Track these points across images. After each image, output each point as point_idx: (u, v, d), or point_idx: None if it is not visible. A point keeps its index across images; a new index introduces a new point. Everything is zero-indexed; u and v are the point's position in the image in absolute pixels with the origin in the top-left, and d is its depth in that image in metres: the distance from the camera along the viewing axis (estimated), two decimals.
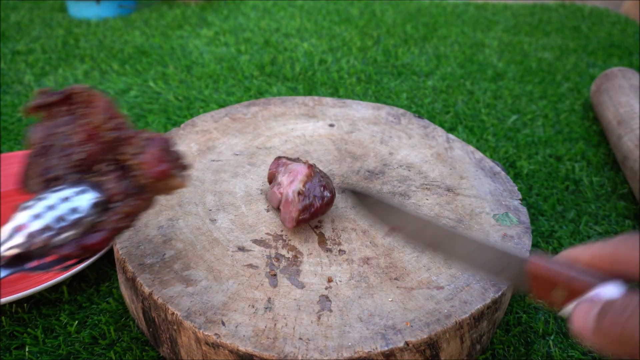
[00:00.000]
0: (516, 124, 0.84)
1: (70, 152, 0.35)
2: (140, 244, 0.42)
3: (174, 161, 0.35)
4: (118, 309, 0.48)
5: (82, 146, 0.35)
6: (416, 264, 0.41)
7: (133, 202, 0.35)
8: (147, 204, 0.36)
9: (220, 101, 0.88)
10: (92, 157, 0.35)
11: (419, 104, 0.90)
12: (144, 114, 0.83)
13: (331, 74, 1.01)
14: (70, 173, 0.35)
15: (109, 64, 1.03)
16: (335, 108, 0.65)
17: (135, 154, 0.35)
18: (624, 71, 0.85)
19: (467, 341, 0.39)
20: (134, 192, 0.35)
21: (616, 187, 0.69)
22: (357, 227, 0.45)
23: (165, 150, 0.35)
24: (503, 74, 1.04)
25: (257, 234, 0.44)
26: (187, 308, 0.36)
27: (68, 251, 0.33)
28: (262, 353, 0.34)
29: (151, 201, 0.36)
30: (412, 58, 1.11)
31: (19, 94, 0.89)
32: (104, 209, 0.34)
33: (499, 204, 0.49)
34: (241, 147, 0.56)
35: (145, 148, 0.35)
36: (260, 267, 0.40)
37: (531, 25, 1.38)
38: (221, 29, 1.25)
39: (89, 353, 0.44)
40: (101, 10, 1.30)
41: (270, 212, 0.46)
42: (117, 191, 0.35)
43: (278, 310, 0.37)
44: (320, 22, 1.33)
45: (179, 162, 0.35)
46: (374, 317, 0.36)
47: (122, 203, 0.35)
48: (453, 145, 0.58)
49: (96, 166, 0.36)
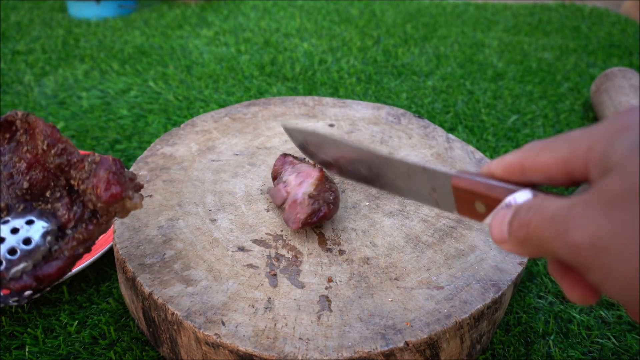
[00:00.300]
0: (516, 124, 0.84)
1: (14, 181, 0.34)
2: (140, 244, 0.42)
3: (126, 183, 0.34)
4: (118, 309, 0.48)
5: (26, 174, 0.34)
6: (416, 264, 0.41)
7: (87, 228, 0.34)
8: (103, 228, 0.34)
9: (220, 101, 0.88)
10: (39, 185, 0.34)
11: (419, 104, 0.90)
12: (144, 114, 0.83)
13: (331, 74, 1.01)
14: (18, 202, 0.34)
15: (109, 64, 1.03)
16: (335, 108, 0.65)
17: (84, 179, 0.34)
18: (624, 71, 0.85)
19: (467, 341, 0.39)
20: (87, 218, 0.34)
21: None
22: (357, 227, 0.45)
23: (116, 172, 0.33)
24: (503, 74, 1.04)
25: (257, 234, 0.44)
26: (187, 308, 0.36)
27: (23, 284, 0.32)
28: (262, 353, 0.34)
29: (108, 224, 0.35)
30: (412, 58, 1.11)
31: (19, 94, 0.89)
32: (58, 237, 0.34)
33: None
34: (241, 147, 0.56)
35: (94, 172, 0.33)
36: (260, 267, 0.40)
37: (531, 25, 1.38)
38: (221, 29, 1.25)
39: (89, 353, 0.44)
40: (101, 10, 1.30)
41: (270, 212, 0.46)
42: (69, 218, 0.34)
43: (278, 310, 0.37)
44: (320, 22, 1.33)
45: (132, 183, 0.34)
46: (374, 317, 0.36)
47: (75, 230, 0.33)
48: (453, 145, 0.58)
49: (46, 193, 0.35)
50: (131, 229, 0.44)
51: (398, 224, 0.45)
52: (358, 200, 0.48)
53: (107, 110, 0.85)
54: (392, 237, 0.44)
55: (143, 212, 0.46)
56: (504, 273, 0.41)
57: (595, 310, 0.50)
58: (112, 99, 0.88)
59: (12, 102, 0.86)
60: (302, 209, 0.42)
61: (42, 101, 0.87)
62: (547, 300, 0.51)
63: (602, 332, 0.47)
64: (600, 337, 0.47)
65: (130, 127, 0.79)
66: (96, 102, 0.87)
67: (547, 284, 0.53)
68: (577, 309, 0.50)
